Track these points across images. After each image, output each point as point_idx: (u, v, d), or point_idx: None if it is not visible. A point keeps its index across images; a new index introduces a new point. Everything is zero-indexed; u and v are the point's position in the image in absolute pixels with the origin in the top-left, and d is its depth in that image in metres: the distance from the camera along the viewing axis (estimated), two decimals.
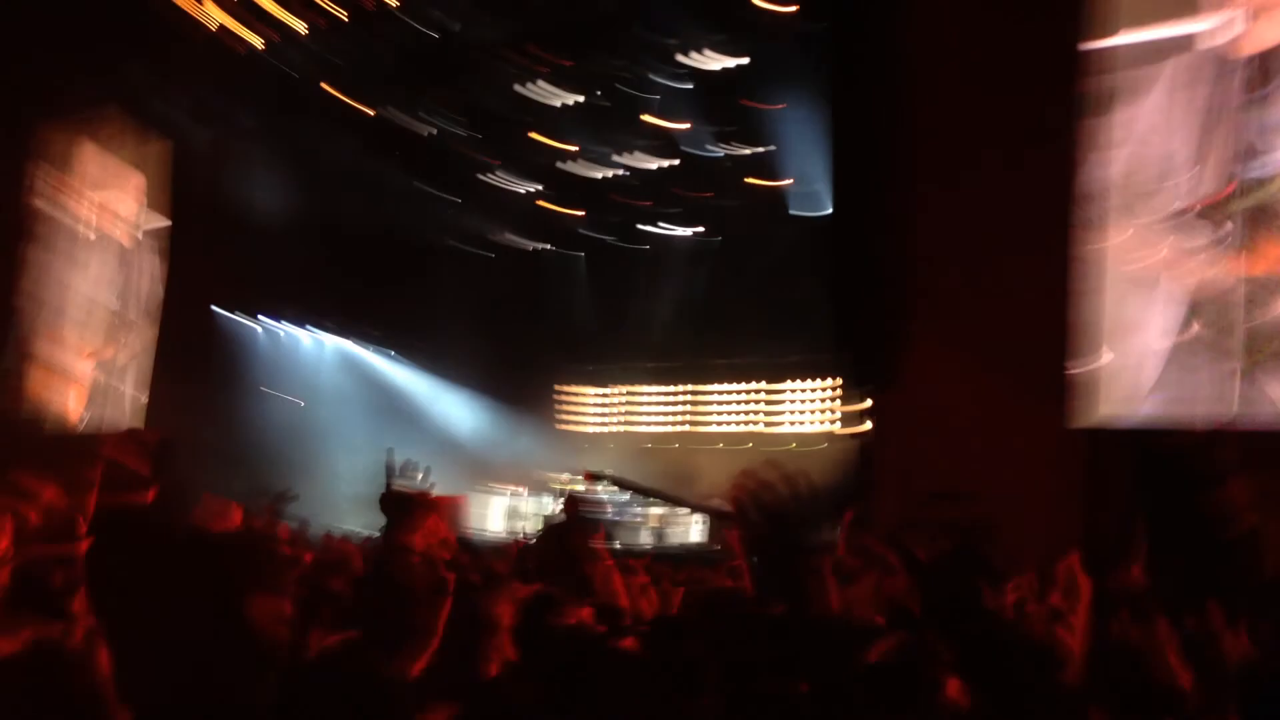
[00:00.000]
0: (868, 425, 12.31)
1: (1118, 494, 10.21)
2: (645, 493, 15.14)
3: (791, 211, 15.66)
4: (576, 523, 9.52)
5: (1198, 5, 9.81)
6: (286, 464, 15.24)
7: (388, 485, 3.45)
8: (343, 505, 13.00)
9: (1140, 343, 10.01)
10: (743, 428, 17.43)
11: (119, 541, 2.97)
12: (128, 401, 18.01)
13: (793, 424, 16.86)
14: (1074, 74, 10.34)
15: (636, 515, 15.67)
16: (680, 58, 15.07)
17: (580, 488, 15.31)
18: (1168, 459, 9.74)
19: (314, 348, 18.22)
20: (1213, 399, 9.45)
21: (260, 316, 17.42)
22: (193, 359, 17.15)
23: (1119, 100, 10.17)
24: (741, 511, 2.78)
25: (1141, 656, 4.13)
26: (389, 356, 18.64)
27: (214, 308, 17.25)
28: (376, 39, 15.41)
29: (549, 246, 19.29)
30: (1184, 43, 9.91)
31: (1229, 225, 9.42)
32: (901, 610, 5.15)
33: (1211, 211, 9.49)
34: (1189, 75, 9.81)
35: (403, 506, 3.34)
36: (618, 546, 13.45)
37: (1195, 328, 9.57)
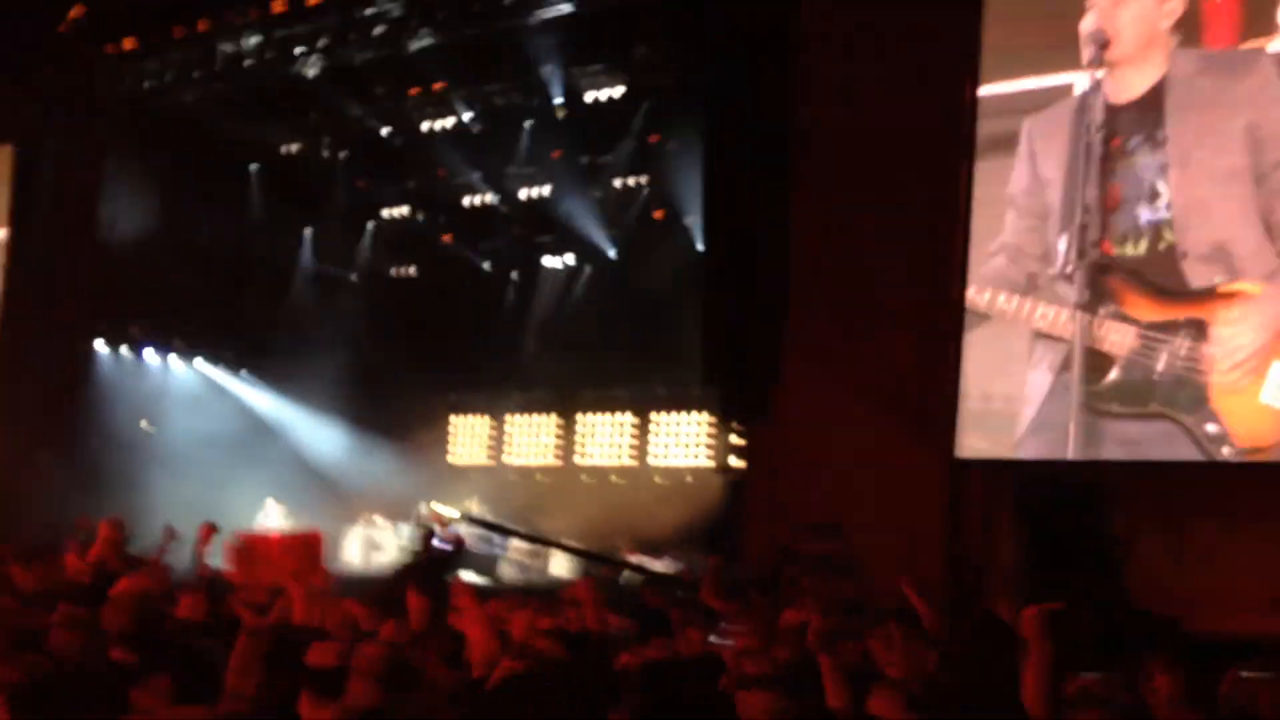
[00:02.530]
0: (740, 460, 12.27)
1: (981, 529, 10.40)
2: (502, 530, 14.89)
3: (666, 245, 15.67)
4: (431, 560, 9.28)
5: (1067, 58, 10.03)
6: (127, 488, 14.61)
7: None
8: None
9: (1010, 384, 10.18)
10: (614, 461, 17.27)
11: None
12: None
13: (665, 458, 16.76)
14: (955, 123, 10.50)
15: (496, 550, 15.37)
16: (559, 86, 15.03)
17: (437, 523, 14.98)
18: (1034, 496, 9.96)
19: (161, 368, 17.56)
20: (1076, 442, 9.64)
21: (105, 336, 16.67)
22: (31, 378, 16.41)
23: (1002, 149, 10.35)
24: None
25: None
26: (243, 379, 18.04)
27: (57, 326, 16.50)
28: (243, 56, 15.03)
29: (418, 271, 18.98)
30: (1055, 94, 10.13)
31: (1099, 275, 9.62)
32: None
33: (1084, 265, 9.68)
34: (1058, 127, 10.03)
35: None
36: (476, 582, 13.17)
37: (1063, 373, 9.75)
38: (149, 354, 17.33)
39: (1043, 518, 9.84)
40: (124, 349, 17.05)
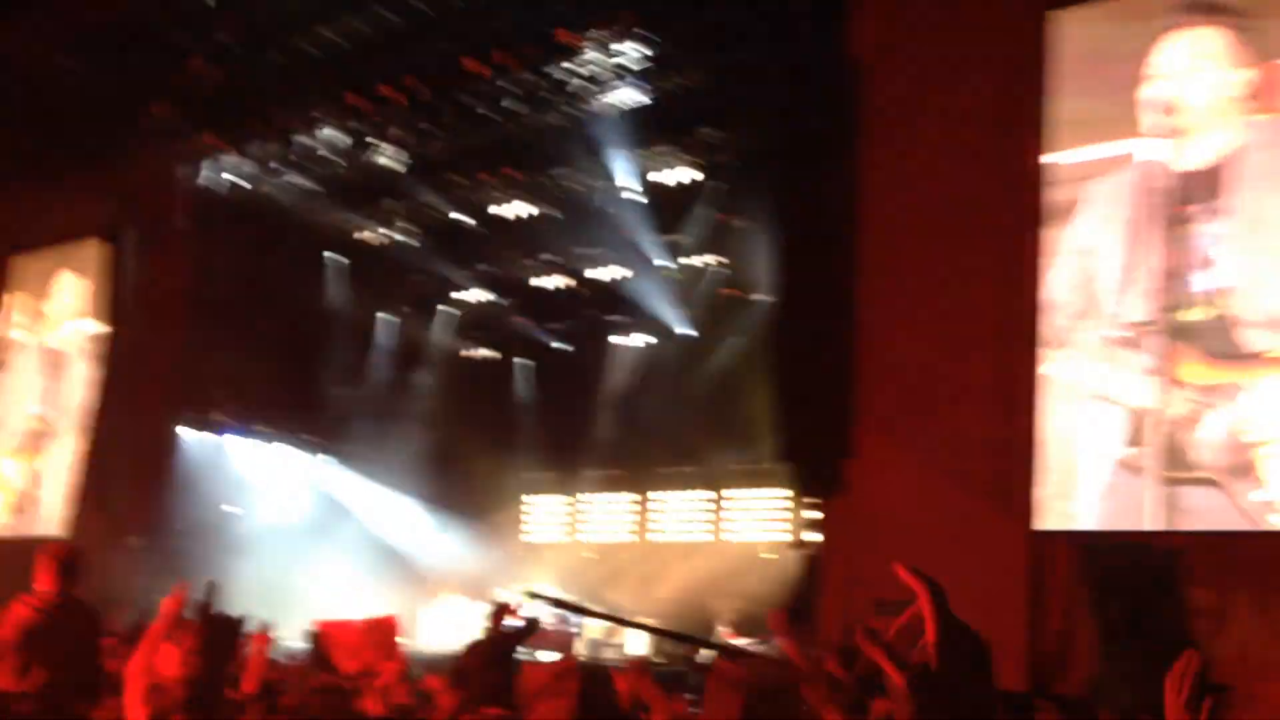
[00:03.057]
0: (816, 535, 12.23)
1: (1063, 604, 10.24)
2: (578, 610, 14.87)
3: (738, 322, 15.79)
4: (505, 637, 9.29)
5: (1134, 125, 10.09)
6: (218, 572, 14.82)
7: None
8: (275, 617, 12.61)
9: (1081, 457, 10.12)
10: (689, 537, 17.25)
11: None
12: (53, 509, 17.61)
13: (740, 534, 16.72)
14: (1023, 191, 10.57)
15: (573, 627, 15.36)
16: (630, 167, 15.30)
17: (514, 601, 14.99)
18: (1113, 570, 9.80)
19: (249, 454, 17.89)
20: (1147, 514, 9.56)
21: (189, 422, 17.06)
22: (120, 464, 16.82)
23: (1065, 216, 10.40)
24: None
25: None
26: (322, 461, 18.34)
27: (145, 413, 16.93)
28: (333, 153, 15.53)
29: (498, 354, 19.27)
30: (1121, 161, 10.18)
31: (1159, 344, 9.60)
32: None
33: (1144, 330, 9.68)
34: (1120, 192, 10.07)
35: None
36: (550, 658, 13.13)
37: (1130, 444, 9.70)
38: (231, 439, 17.66)
39: (1127, 590, 9.69)
40: (207, 434, 17.40)
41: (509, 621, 11.35)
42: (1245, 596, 9.25)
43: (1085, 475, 10.05)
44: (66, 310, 18.52)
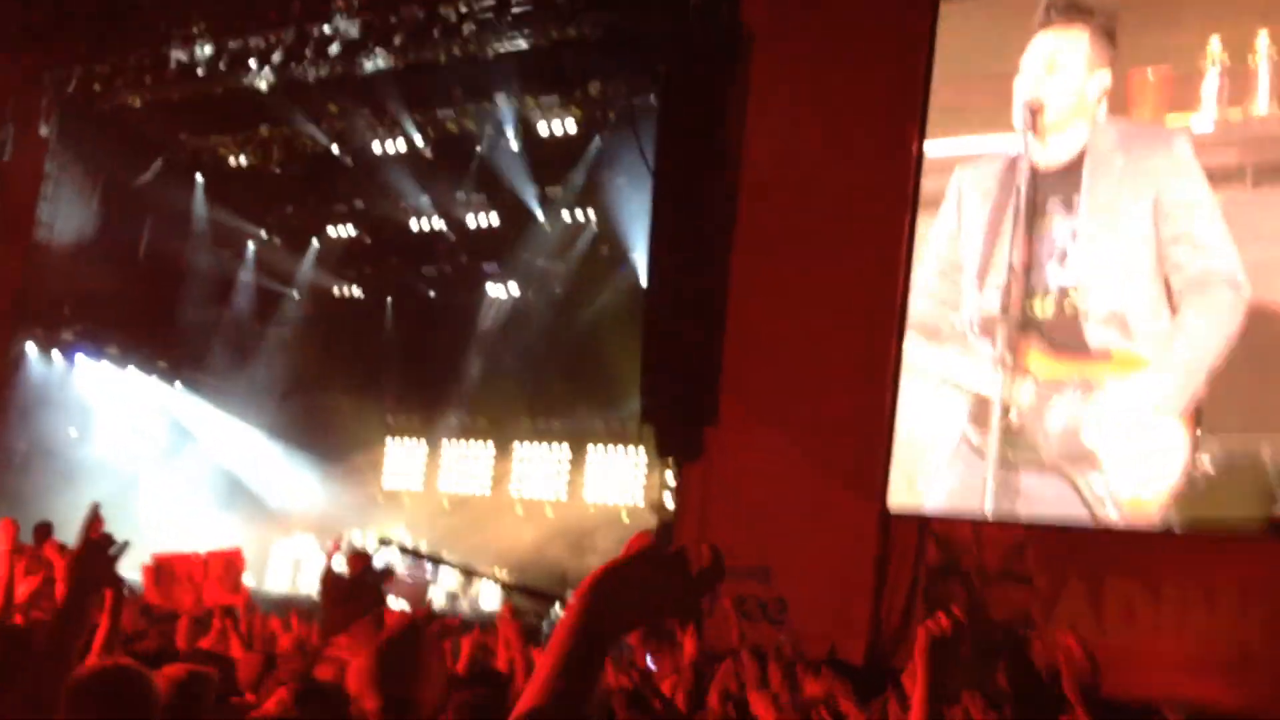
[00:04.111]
0: (675, 498, 12.28)
1: (908, 583, 10.48)
2: (431, 559, 14.76)
3: (610, 280, 15.72)
4: (360, 584, 9.17)
5: (1003, 119, 10.30)
6: (48, 495, 14.34)
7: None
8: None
9: (927, 437, 10.35)
10: (548, 494, 17.22)
11: None
12: None
13: (598, 493, 16.74)
14: (901, 175, 10.67)
15: (426, 578, 15.24)
16: (512, 116, 15.07)
17: (367, 546, 14.84)
18: (957, 553, 10.05)
19: (98, 376, 17.21)
20: (989, 498, 9.83)
21: (37, 339, 16.34)
22: None
23: (936, 204, 10.56)
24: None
25: None
26: (176, 388, 17.76)
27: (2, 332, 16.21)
28: (196, 64, 14.90)
29: (366, 293, 18.86)
30: (988, 153, 10.40)
31: (1009, 334, 9.87)
32: None
33: (996, 320, 9.95)
34: (987, 184, 10.31)
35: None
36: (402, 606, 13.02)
37: (975, 430, 9.96)
38: (81, 359, 16.97)
39: (968, 573, 9.96)
40: (56, 353, 16.70)
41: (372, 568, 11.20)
42: (1079, 587, 9.59)
43: (933, 458, 10.29)
44: None
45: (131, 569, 12.24)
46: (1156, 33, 9.74)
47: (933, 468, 10.29)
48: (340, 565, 15.28)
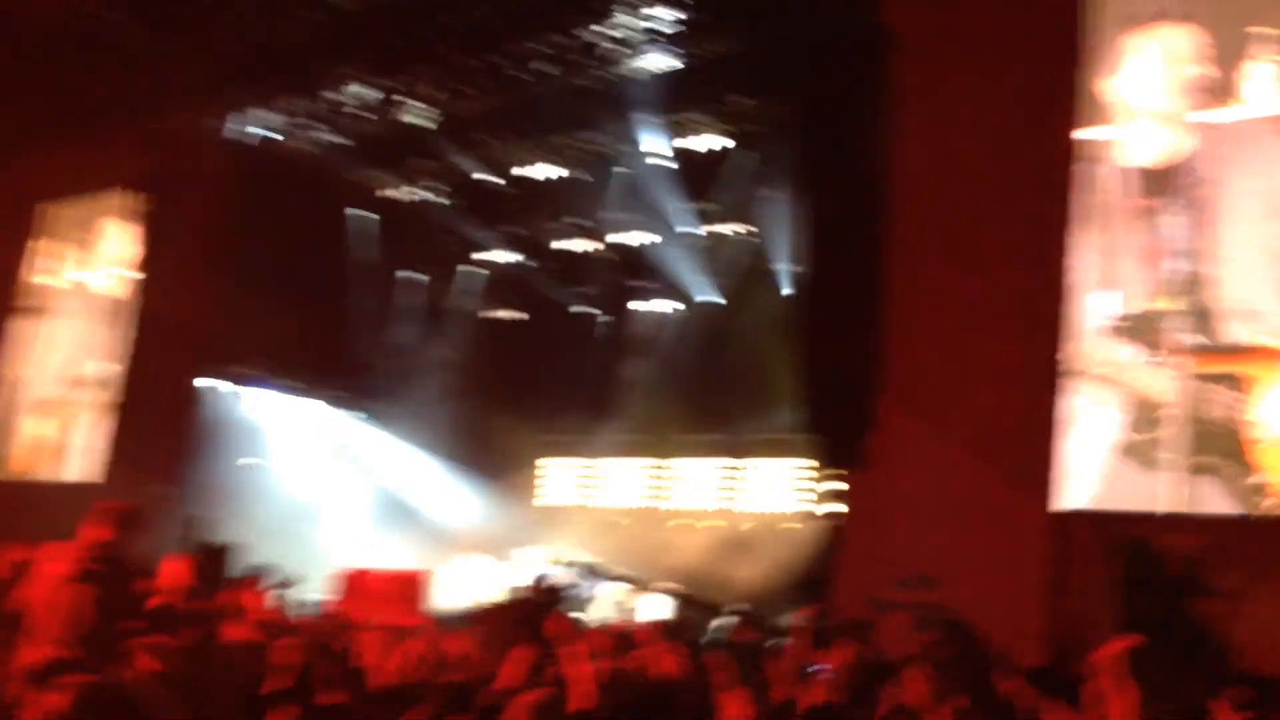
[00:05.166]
0: (839, 507, 12.27)
1: (1083, 583, 10.26)
2: (613, 576, 14.95)
3: (766, 291, 15.77)
4: (542, 602, 9.41)
5: (1122, 112, 10.23)
6: (251, 528, 15.03)
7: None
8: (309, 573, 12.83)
9: (1099, 439, 10.18)
10: (713, 505, 17.31)
11: None
12: (84, 457, 17.82)
13: (764, 503, 16.76)
14: (1053, 169, 10.54)
15: (602, 593, 15.45)
16: (663, 136, 15.25)
17: (545, 565, 15.15)
18: (1136, 550, 9.82)
19: (281, 410, 17.99)
20: (1163, 497, 9.66)
21: (230, 377, 17.16)
22: (161, 419, 16.98)
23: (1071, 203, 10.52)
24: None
25: None
26: (347, 415, 18.45)
27: (177, 366, 17.07)
28: (364, 110, 15.52)
29: (526, 316, 19.30)
30: (1083, 151, 10.33)
31: (1149, 329, 9.74)
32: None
33: (1134, 316, 9.82)
34: (1088, 184, 10.22)
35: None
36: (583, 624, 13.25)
37: (1145, 427, 9.79)
38: (255, 390, 17.76)
39: (1146, 573, 9.73)
40: (232, 385, 17.50)
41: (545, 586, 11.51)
42: (1262, 582, 9.27)
43: (1096, 459, 10.12)
44: (107, 258, 18.68)
45: (312, 590, 12.85)
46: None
47: (1096, 468, 10.12)
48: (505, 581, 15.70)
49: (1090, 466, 10.11)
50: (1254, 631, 9.14)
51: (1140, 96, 10.16)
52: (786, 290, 14.69)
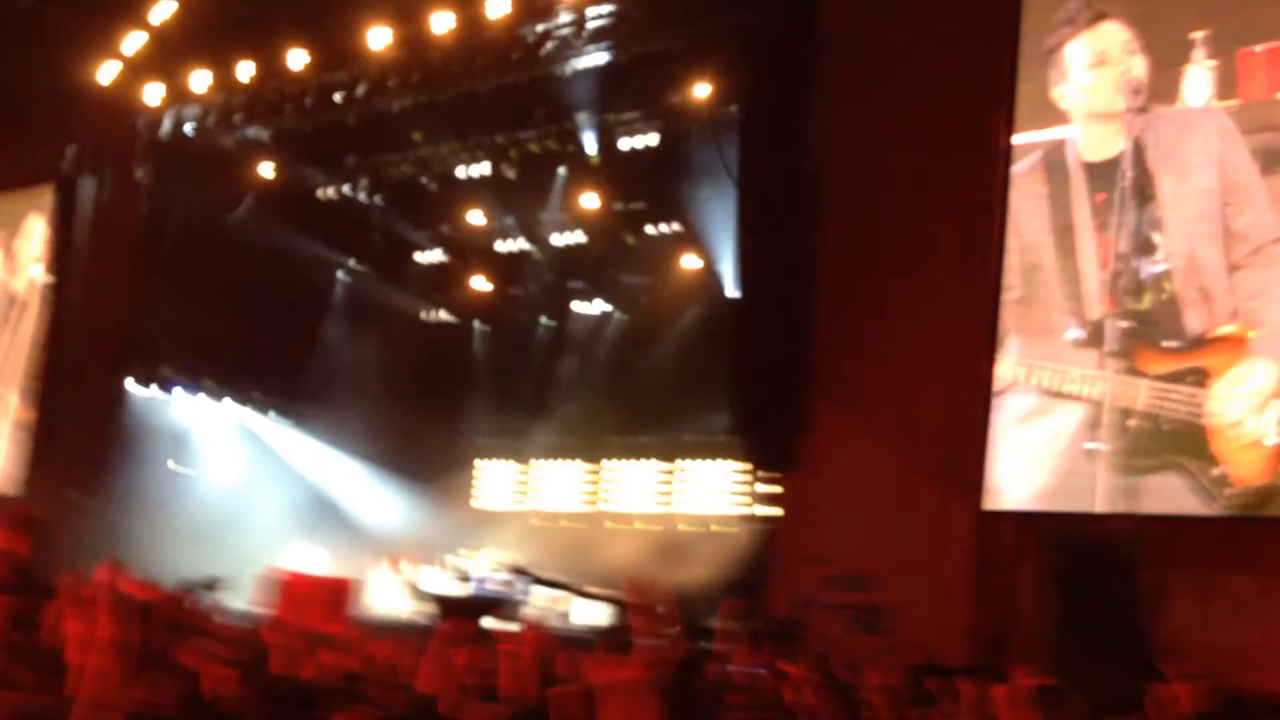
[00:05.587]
0: (772, 509, 12.22)
1: (1009, 582, 10.30)
2: (554, 585, 14.77)
3: (697, 292, 15.72)
4: (465, 605, 9.27)
5: (1037, 115, 10.33)
6: (155, 528, 14.71)
7: None
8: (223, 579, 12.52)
9: (1032, 438, 10.22)
10: (648, 508, 17.21)
11: None
12: (9, 468, 17.40)
13: (694, 506, 16.69)
14: (989, 170, 10.60)
15: (519, 596, 15.26)
16: (591, 134, 15.14)
17: (473, 570, 14.97)
18: (1060, 549, 9.87)
19: (207, 414, 17.62)
20: (1093, 498, 9.73)
21: (136, 375, 16.76)
22: (66, 416, 16.59)
23: (1011, 201, 10.56)
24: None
25: None
26: (273, 419, 18.10)
27: (91, 365, 16.69)
28: (286, 101, 15.24)
29: (455, 317, 19.08)
30: (1025, 151, 10.47)
31: (1109, 332, 9.81)
32: None
33: (1092, 319, 9.89)
34: (1035, 184, 10.39)
35: None
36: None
37: (1079, 430, 9.86)
38: (179, 394, 17.38)
39: (1070, 572, 9.78)
40: (155, 388, 17.11)
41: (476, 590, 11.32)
42: (1186, 578, 9.35)
43: (1037, 461, 10.15)
44: (30, 255, 18.24)
45: (238, 599, 12.57)
46: (1254, 9, 9.65)
47: (1037, 470, 10.15)
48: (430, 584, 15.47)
49: (1047, 468, 10.12)
50: (1180, 627, 9.23)
51: (1080, 96, 10.22)
52: (719, 290, 14.63)
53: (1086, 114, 10.24)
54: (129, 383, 16.81)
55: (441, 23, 13.49)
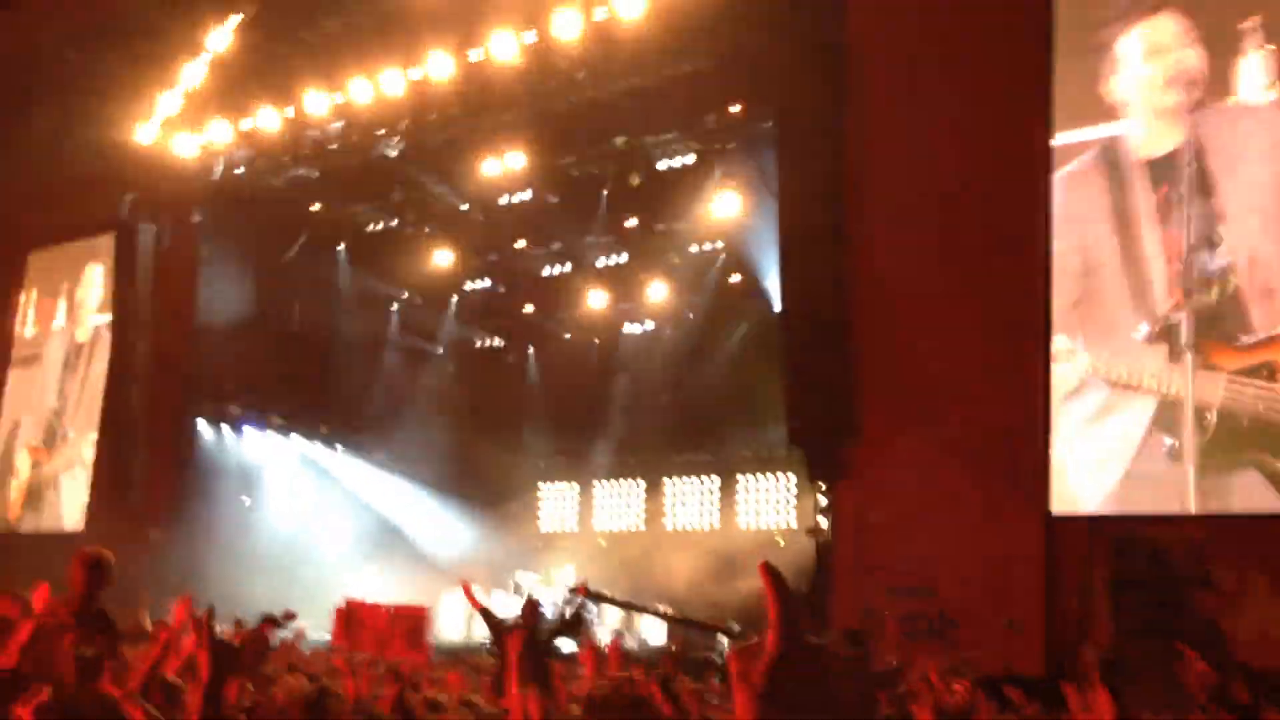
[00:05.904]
0: (826, 520, 12.16)
1: (1081, 587, 10.15)
2: (620, 604, 14.80)
3: (744, 308, 15.71)
4: (538, 629, 9.32)
5: (1089, 112, 10.14)
6: (232, 562, 14.94)
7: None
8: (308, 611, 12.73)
9: (1102, 440, 10.06)
10: (700, 524, 17.22)
11: None
12: (72, 504, 17.75)
13: (752, 520, 16.67)
14: (1030, 171, 10.48)
15: (594, 615, 15.33)
16: (633, 155, 15.18)
17: (537, 592, 15.03)
18: (1134, 553, 9.71)
19: (261, 445, 17.91)
20: (1170, 498, 9.54)
21: (206, 415, 17.07)
22: (137, 458, 16.90)
23: (1062, 200, 10.40)
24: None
25: None
26: (337, 451, 18.35)
27: (160, 407, 17.00)
28: (327, 138, 15.44)
29: (501, 342, 19.24)
30: (1078, 150, 10.29)
31: (1178, 327, 9.63)
32: None
33: (1160, 315, 9.72)
34: (1090, 182, 10.19)
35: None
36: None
37: (1153, 427, 9.68)
38: (248, 431, 17.70)
39: (1144, 573, 9.63)
40: (224, 427, 17.43)
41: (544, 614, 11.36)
42: (1265, 578, 9.17)
43: (1107, 462, 9.99)
44: (93, 304, 18.64)
45: (315, 629, 12.71)
46: None
47: (1107, 473, 9.99)
48: (503, 609, 15.54)
49: (1119, 469, 9.97)
50: (1252, 628, 9.06)
51: (1135, 90, 10.05)
52: (765, 305, 14.61)
53: (1142, 108, 10.02)
54: (199, 423, 17.11)
55: (478, 54, 13.61)
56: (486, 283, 18.65)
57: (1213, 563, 9.42)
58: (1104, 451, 10.02)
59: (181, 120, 16.41)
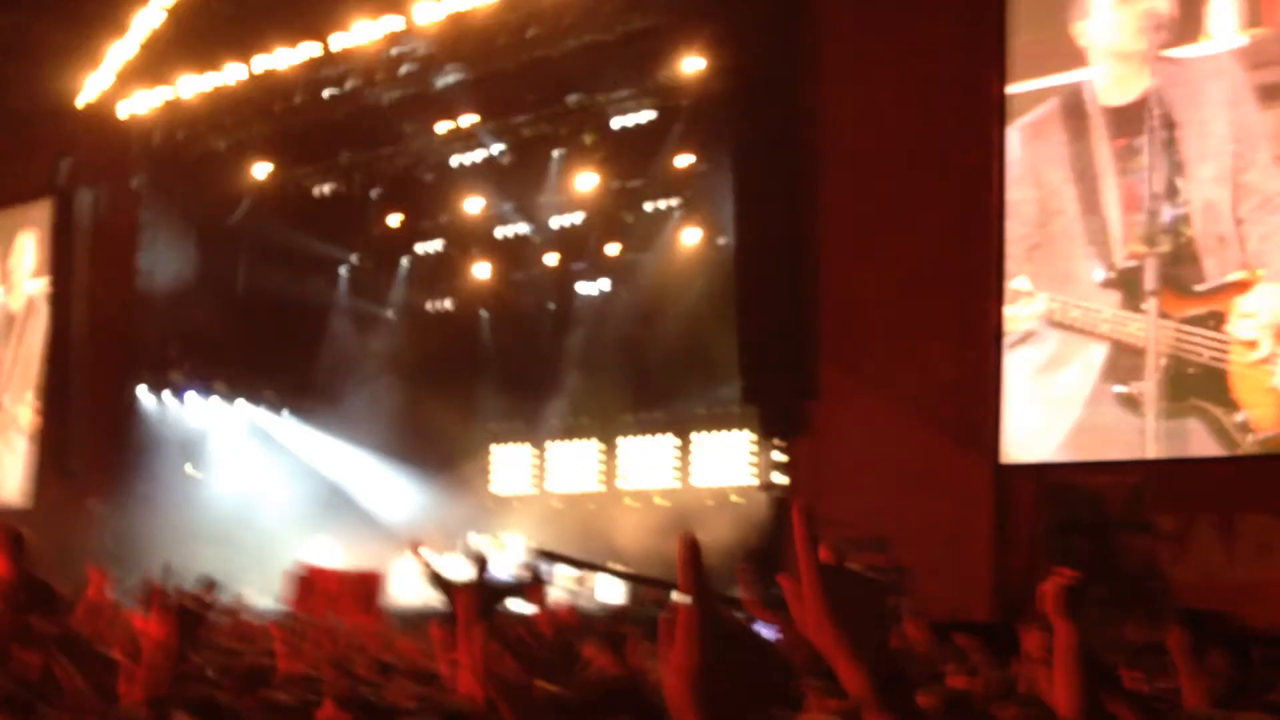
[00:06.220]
0: (784, 477, 12.23)
1: (1030, 534, 10.32)
2: (575, 564, 14.79)
3: (700, 265, 15.69)
4: (486, 582, 9.31)
5: (1052, 61, 10.18)
6: (175, 531, 14.75)
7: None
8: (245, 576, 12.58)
9: (1053, 388, 10.19)
10: (663, 483, 17.24)
11: None
12: (7, 473, 17.47)
13: (712, 477, 16.72)
14: (985, 123, 10.54)
15: (548, 576, 15.30)
16: (586, 113, 15.07)
17: (486, 551, 14.97)
18: (1074, 499, 9.88)
19: (205, 412, 17.66)
20: (1126, 445, 9.69)
21: (148, 382, 16.79)
22: (77, 426, 16.64)
23: (1021, 149, 10.44)
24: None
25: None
26: (284, 417, 18.14)
27: (100, 374, 16.72)
28: (272, 100, 15.20)
29: (453, 305, 19.08)
30: (1039, 97, 10.33)
31: (1133, 275, 9.75)
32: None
33: (1118, 263, 9.84)
34: (1050, 130, 10.23)
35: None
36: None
37: (1104, 375, 9.81)
38: (191, 398, 17.43)
39: (1083, 518, 9.80)
40: (167, 394, 17.16)
41: (491, 575, 11.30)
42: (1208, 521, 9.36)
43: (1057, 410, 10.13)
44: (25, 272, 18.27)
45: (263, 596, 12.61)
46: None
47: (1058, 421, 10.12)
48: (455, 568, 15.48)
49: (1069, 417, 10.09)
50: (1193, 570, 9.26)
51: (1102, 33, 10.09)
52: (721, 261, 14.59)
53: (1107, 52, 10.06)
54: (140, 390, 16.84)
55: (426, 13, 13.44)
56: (437, 245, 18.44)
57: (1152, 507, 9.61)
58: (1053, 401, 10.17)
59: (120, 84, 16.10)
